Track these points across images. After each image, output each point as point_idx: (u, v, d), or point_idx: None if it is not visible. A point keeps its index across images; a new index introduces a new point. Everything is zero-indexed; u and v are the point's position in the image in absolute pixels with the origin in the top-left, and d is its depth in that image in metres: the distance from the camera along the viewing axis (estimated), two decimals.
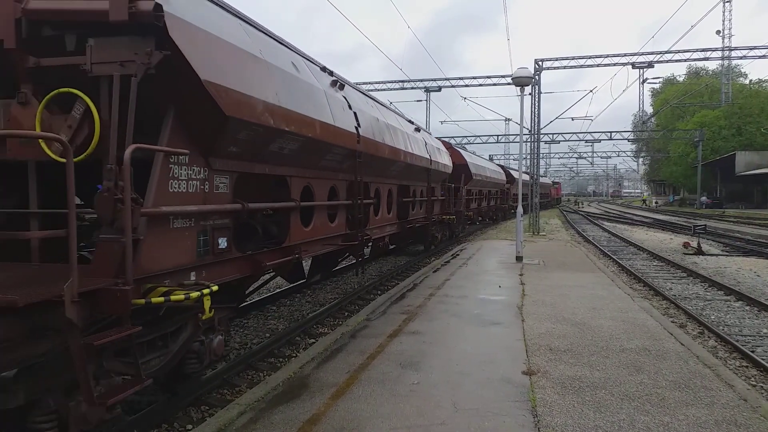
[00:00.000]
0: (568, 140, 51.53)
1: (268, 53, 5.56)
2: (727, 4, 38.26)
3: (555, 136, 49.73)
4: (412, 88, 39.93)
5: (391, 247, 14.64)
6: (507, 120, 65.60)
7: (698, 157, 52.14)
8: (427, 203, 14.32)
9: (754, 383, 5.77)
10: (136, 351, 3.63)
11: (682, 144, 58.09)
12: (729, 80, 40.33)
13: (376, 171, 9.52)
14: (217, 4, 5.13)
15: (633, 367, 5.21)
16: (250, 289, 6.40)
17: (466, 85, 38.40)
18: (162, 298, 3.78)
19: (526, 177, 26.56)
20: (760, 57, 30.70)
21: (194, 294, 3.90)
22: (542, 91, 26.25)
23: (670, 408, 4.25)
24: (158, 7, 3.68)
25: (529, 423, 3.98)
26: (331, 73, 7.95)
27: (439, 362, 5.40)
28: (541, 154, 30.68)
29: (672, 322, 7.83)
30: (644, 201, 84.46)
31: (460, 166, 19.43)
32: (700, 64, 61.37)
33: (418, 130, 13.54)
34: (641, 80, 37.27)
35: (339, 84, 8.01)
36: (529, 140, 26.44)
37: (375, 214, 9.81)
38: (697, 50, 30.64)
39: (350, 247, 8.46)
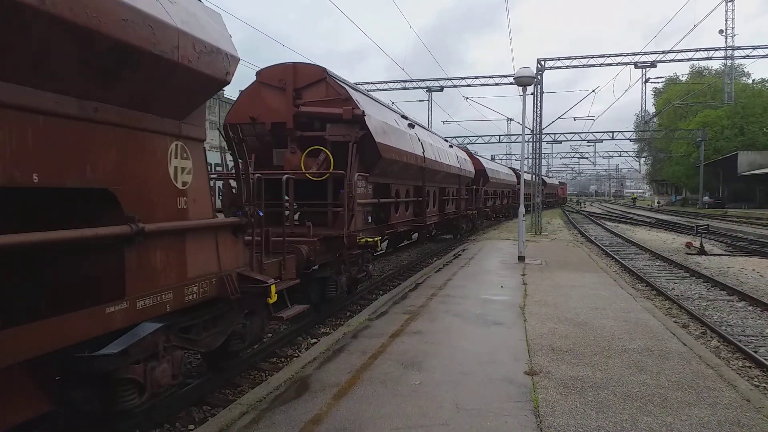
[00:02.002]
0: (570, 140, 51.51)
1: (386, 117, 10.18)
2: (729, 4, 38.21)
3: (557, 136, 49.72)
4: (414, 88, 39.95)
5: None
6: (509, 120, 65.51)
7: (700, 156, 52.03)
8: (457, 201, 18.22)
9: (757, 383, 5.75)
10: (360, 261, 8.84)
11: (685, 144, 57.97)
12: (732, 80, 40.27)
13: (429, 178, 13.59)
14: (368, 96, 10.16)
15: (635, 368, 5.20)
16: None
17: (468, 85, 38.41)
18: (364, 240, 8.27)
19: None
20: (763, 56, 30.65)
21: (377, 239, 8.68)
22: (544, 90, 26.23)
23: (673, 408, 4.24)
24: (364, 112, 8.29)
25: (532, 423, 3.97)
26: (406, 118, 12.68)
27: (441, 362, 5.40)
28: (543, 154, 30.68)
29: (674, 322, 7.81)
30: (634, 200, 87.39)
31: (479, 170, 23.00)
32: (702, 63, 61.25)
33: (451, 146, 18.21)
34: (644, 80, 37.26)
35: (411, 124, 12.50)
36: (531, 140, 26.41)
37: (426, 207, 13.56)
38: (699, 50, 30.60)
39: (418, 227, 13.65)
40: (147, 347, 3.84)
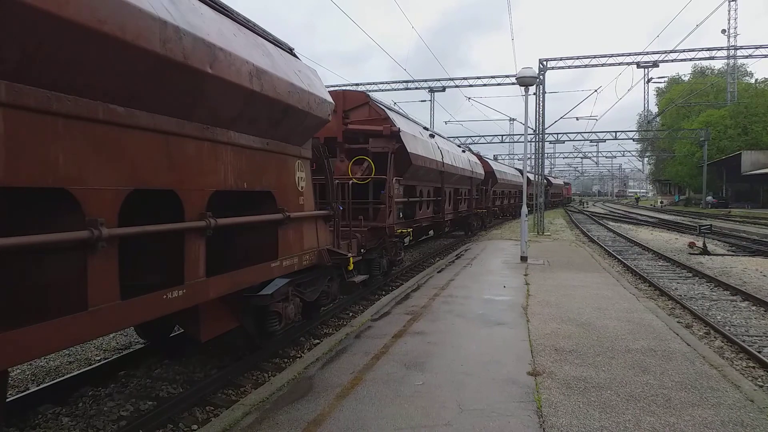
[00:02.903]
0: (572, 140, 51.38)
1: (414, 130, 12.43)
2: (732, 3, 38.09)
3: (560, 135, 49.62)
4: (417, 88, 39.97)
5: (432, 231, 20.48)
6: (511, 120, 65.44)
7: (704, 156, 51.88)
8: (469, 200, 20.44)
9: (761, 384, 5.72)
10: (396, 247, 10.90)
11: (688, 143, 57.79)
12: (734, 79, 40.19)
13: (446, 180, 15.62)
14: (399, 114, 12.66)
15: (639, 368, 5.20)
16: None
17: (471, 86, 38.46)
18: (400, 231, 10.62)
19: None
20: (765, 56, 30.55)
21: (408, 230, 11.61)
22: (547, 90, 26.23)
23: (676, 408, 4.23)
24: (399, 129, 10.26)
25: (534, 423, 3.97)
26: (428, 129, 14.93)
27: (444, 363, 5.40)
28: (546, 154, 30.70)
29: (678, 322, 7.79)
30: (637, 200, 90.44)
31: (488, 172, 24.99)
32: (705, 63, 61.12)
33: (464, 151, 20.53)
34: (646, 80, 37.20)
35: (431, 134, 14.67)
36: (533, 140, 26.39)
37: (444, 205, 15.61)
38: (702, 49, 30.54)
39: (437, 222, 15.54)
40: (283, 293, 5.91)
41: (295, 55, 6.27)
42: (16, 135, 2.73)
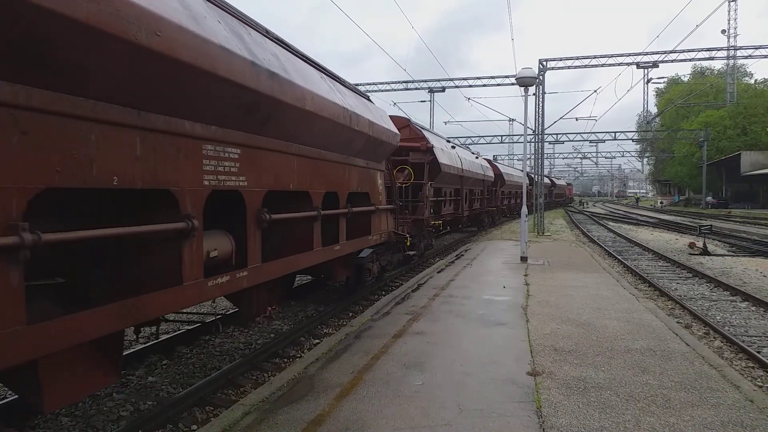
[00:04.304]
0: (572, 140, 51.43)
1: (441, 144, 15.76)
2: (732, 3, 38.07)
3: (559, 136, 49.65)
4: (416, 88, 39.95)
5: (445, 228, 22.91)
6: (511, 120, 65.39)
7: (703, 157, 51.90)
8: (481, 200, 23.45)
9: (760, 384, 5.73)
10: (430, 235, 14.34)
11: (687, 144, 57.82)
12: (734, 80, 40.16)
13: (464, 183, 18.58)
14: (432, 132, 17.07)
15: (638, 368, 5.20)
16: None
17: (470, 86, 38.42)
18: (434, 222, 14.31)
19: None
20: (765, 56, 30.53)
21: (439, 222, 15.31)
22: (546, 91, 26.20)
23: (676, 409, 4.23)
24: (433, 145, 13.94)
25: (534, 424, 3.97)
26: (449, 141, 18.22)
27: (444, 363, 5.40)
28: (545, 155, 30.70)
29: (677, 322, 7.80)
30: (637, 200, 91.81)
31: (497, 175, 27.40)
32: (705, 63, 60.97)
33: (477, 157, 23.54)
34: (646, 80, 37.15)
35: (453, 146, 17.80)
36: (533, 140, 26.39)
37: (462, 204, 18.72)
38: (702, 50, 30.47)
39: (457, 218, 18.77)
40: (371, 258, 8.96)
41: (370, 100, 8.80)
42: (300, 168, 5.58)
